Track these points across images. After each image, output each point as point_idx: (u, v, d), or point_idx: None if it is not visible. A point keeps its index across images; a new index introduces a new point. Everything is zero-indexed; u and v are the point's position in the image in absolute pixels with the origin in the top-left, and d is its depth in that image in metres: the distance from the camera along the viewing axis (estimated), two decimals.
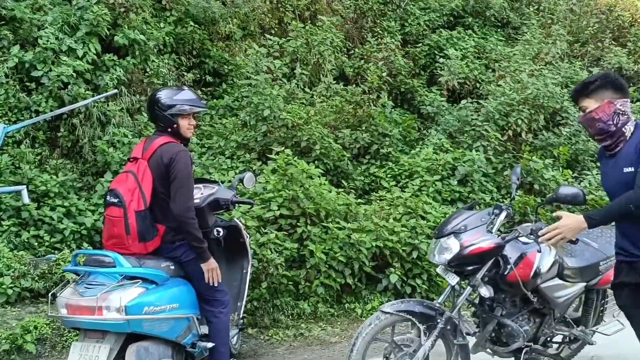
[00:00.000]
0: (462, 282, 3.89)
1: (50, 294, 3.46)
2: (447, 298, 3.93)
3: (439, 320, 3.74)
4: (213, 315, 3.95)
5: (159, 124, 3.88)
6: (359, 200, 6.90)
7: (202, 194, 4.37)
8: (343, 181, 7.22)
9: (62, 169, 6.62)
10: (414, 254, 6.00)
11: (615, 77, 3.16)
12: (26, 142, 6.57)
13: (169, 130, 3.87)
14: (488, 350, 4.08)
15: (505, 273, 3.83)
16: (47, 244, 5.74)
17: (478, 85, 9.83)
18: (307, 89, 8.65)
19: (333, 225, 5.97)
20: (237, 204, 4.49)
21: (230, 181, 6.12)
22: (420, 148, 8.14)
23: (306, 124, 7.40)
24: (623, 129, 3.09)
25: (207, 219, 4.36)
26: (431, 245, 4.00)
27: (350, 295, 6.01)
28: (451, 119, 8.83)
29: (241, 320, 4.64)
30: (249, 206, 5.56)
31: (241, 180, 4.62)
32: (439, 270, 3.94)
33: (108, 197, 3.66)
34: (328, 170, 7.29)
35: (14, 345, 4.46)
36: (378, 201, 6.85)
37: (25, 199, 5.54)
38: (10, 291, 4.90)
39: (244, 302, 4.58)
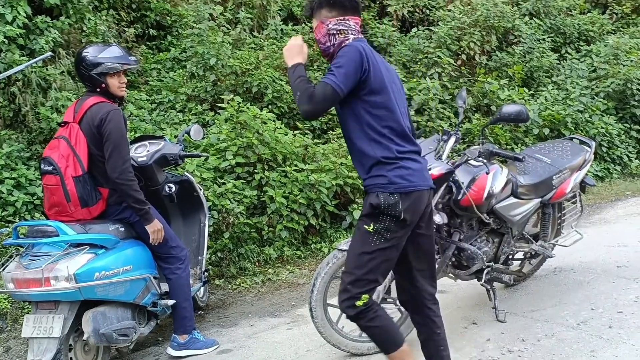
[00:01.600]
0: None
1: None
2: None
3: None
4: (171, 272, 3.89)
5: (87, 84, 3.71)
6: (317, 140, 6.82)
7: (148, 151, 4.25)
8: (299, 123, 7.11)
9: (7, 140, 6.39)
10: None
11: None
12: None
13: (98, 90, 3.70)
14: (450, 275, 4.10)
15: (459, 198, 3.81)
16: None
17: (428, 12, 9.67)
18: (255, 34, 8.41)
19: (291, 168, 5.90)
20: (185, 158, 4.37)
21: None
22: None
23: (256, 69, 7.22)
24: (336, 52, 2.84)
25: (157, 176, 4.26)
26: None
27: (315, 236, 6.01)
28: (403, 49, 8.71)
29: (205, 274, 4.60)
30: (200, 158, 5.45)
31: (188, 133, 4.50)
32: None
33: (42, 165, 3.51)
34: (283, 113, 7.17)
35: None
36: (335, 139, 6.79)
37: None
38: None
39: (204, 256, 4.52)
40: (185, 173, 4.55)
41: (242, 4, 8.42)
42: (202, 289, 4.76)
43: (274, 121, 6.46)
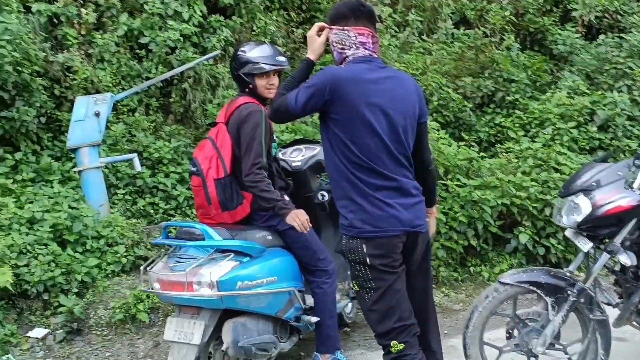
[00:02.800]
0: (598, 247, 3.30)
1: (142, 268, 3.32)
2: (580, 266, 3.35)
3: (570, 292, 3.19)
4: (317, 287, 3.66)
5: (237, 83, 3.59)
6: (483, 154, 6.30)
7: (303, 155, 4.07)
8: (464, 134, 6.62)
9: (176, 135, 6.61)
10: (547, 211, 5.36)
11: (337, 5, 2.77)
12: (140, 110, 6.60)
13: (246, 90, 3.55)
14: (635, 323, 3.46)
15: None
16: (162, 210, 5.75)
17: (619, 17, 8.65)
18: (425, 37, 8.03)
19: (453, 182, 5.46)
20: None
21: None
22: (553, 92, 7.29)
23: (422, 75, 6.85)
24: (341, 64, 2.73)
25: (310, 183, 4.07)
26: (556, 205, 3.41)
27: (475, 258, 5.51)
28: (588, 57, 7.84)
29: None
30: None
31: None
32: (567, 233, 3.35)
33: (190, 166, 3.46)
34: (447, 122, 6.73)
35: (127, 315, 4.47)
36: (504, 154, 6.24)
37: (137, 166, 5.53)
38: (124, 260, 4.92)
39: None
40: None
41: (413, 7, 8.06)
42: (349, 304, 4.49)
43: (437, 130, 6.06)
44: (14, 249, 4.54)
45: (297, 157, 4.05)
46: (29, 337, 4.34)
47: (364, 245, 2.53)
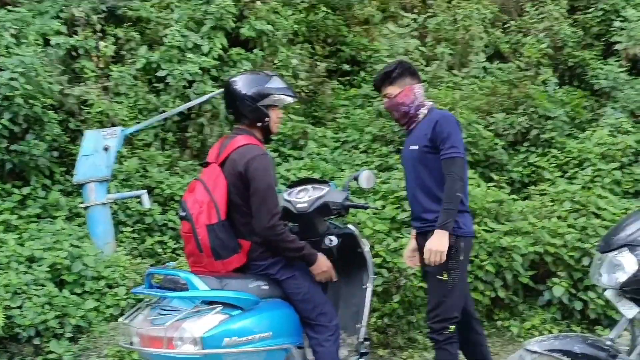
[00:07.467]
0: None
1: (120, 320, 3.00)
2: (622, 333, 2.88)
3: None
4: (318, 344, 3.26)
5: (244, 118, 3.27)
6: (514, 196, 5.85)
7: (309, 197, 3.70)
8: (494, 174, 6.20)
9: (191, 170, 6.38)
10: (585, 261, 4.88)
11: (410, 65, 3.65)
12: (155, 145, 6.41)
13: (258, 125, 3.25)
14: None
15: None
16: (170, 250, 5.48)
17: None
18: (455, 71, 7.68)
19: (480, 227, 5.03)
20: (350, 208, 3.77)
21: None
22: (593, 130, 6.82)
23: (451, 110, 6.47)
24: (418, 112, 3.48)
25: (317, 226, 3.69)
26: (594, 261, 2.95)
27: (504, 310, 5.04)
28: (633, 93, 7.34)
29: (364, 343, 3.91)
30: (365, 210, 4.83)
31: (356, 179, 3.90)
32: (607, 295, 2.88)
33: (180, 210, 3.15)
34: (477, 161, 6.32)
35: None
36: (538, 196, 5.78)
37: (146, 203, 5.29)
38: (124, 303, 4.63)
39: (364, 324, 3.82)
40: (349, 225, 3.94)
41: (443, 39, 7.74)
42: None
43: None
44: (9, 289, 4.32)
45: (303, 198, 3.71)
46: None
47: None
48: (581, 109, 7.40)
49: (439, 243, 3.26)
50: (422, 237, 3.50)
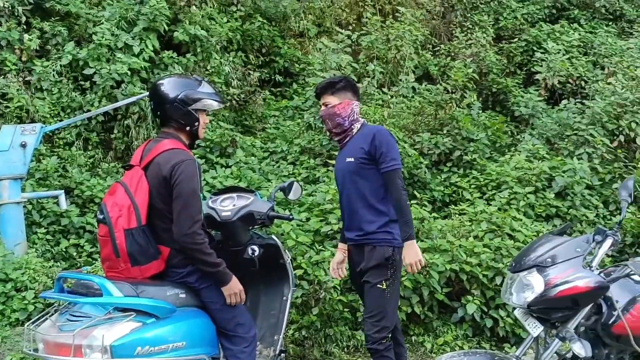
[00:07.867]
0: (549, 331, 2.97)
1: (25, 326, 2.88)
2: (527, 350, 3.01)
3: None
4: (233, 355, 3.23)
5: (172, 121, 3.20)
6: (435, 214, 6.00)
7: (234, 205, 3.69)
8: (417, 192, 6.34)
9: (114, 173, 6.21)
10: (497, 280, 5.05)
11: (355, 82, 3.84)
12: (77, 144, 6.21)
13: (187, 129, 3.21)
14: None
15: (610, 322, 2.88)
16: (86, 254, 5.30)
17: (583, 84, 8.63)
18: (385, 90, 7.84)
19: None
20: (274, 219, 3.76)
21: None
22: (512, 155, 7.10)
23: None
24: (352, 127, 3.59)
25: (240, 235, 3.69)
26: (506, 281, 3.07)
27: (419, 326, 5.14)
28: (549, 121, 7.72)
29: (281, 356, 3.90)
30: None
31: (283, 190, 3.91)
32: (516, 313, 3.01)
33: (97, 213, 3.05)
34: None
35: None
36: (457, 215, 5.94)
37: (63, 204, 5.12)
38: (31, 307, 4.44)
39: (281, 335, 3.82)
40: (273, 236, 3.93)
41: (375, 58, 7.89)
42: None
43: None
44: None
45: (227, 206, 3.68)
46: None
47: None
48: (502, 134, 7.70)
49: (414, 253, 3.40)
50: (358, 249, 3.58)
